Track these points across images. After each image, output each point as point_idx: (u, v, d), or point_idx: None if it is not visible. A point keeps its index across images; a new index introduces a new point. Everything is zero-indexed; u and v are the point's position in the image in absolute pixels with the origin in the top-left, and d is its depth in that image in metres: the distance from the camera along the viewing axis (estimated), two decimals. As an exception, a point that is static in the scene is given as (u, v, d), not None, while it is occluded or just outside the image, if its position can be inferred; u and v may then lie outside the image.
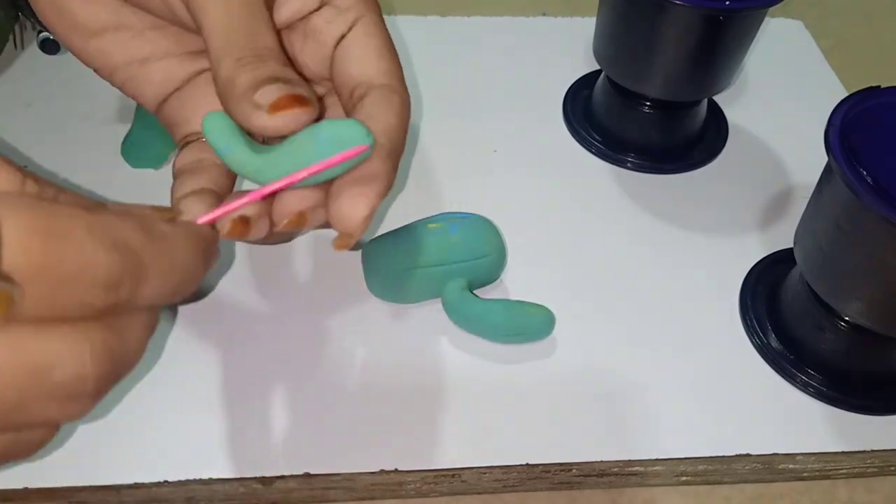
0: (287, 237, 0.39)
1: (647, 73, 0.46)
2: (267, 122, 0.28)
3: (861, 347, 0.38)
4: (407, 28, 0.56)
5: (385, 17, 0.35)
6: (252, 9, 0.30)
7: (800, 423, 0.38)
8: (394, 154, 0.30)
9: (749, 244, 0.45)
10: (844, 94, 0.37)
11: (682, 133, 0.50)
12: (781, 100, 0.54)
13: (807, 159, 0.43)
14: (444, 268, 0.39)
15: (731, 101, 0.53)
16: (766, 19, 0.45)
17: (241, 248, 0.42)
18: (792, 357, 0.39)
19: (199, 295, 0.39)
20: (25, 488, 0.33)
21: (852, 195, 0.32)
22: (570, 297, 0.41)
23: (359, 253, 0.40)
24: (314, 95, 0.29)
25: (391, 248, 0.39)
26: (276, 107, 0.28)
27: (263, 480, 0.34)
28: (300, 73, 0.34)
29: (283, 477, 0.34)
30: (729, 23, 0.42)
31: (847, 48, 0.60)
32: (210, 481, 0.34)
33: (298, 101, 0.28)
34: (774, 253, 0.44)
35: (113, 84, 0.35)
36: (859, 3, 0.65)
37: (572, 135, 0.51)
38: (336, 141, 0.27)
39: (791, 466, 0.37)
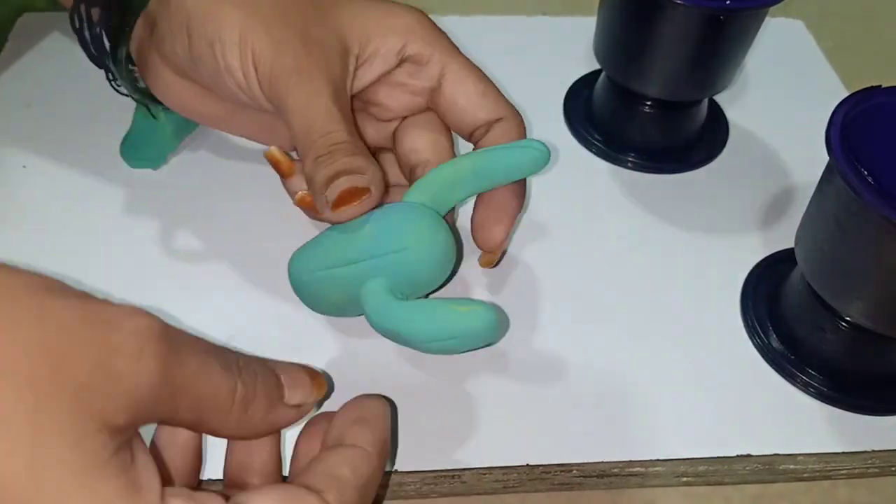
0: None
1: (647, 73, 0.46)
2: (331, 216, 0.33)
3: (862, 348, 0.38)
4: (407, 28, 0.56)
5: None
6: (326, 104, 0.34)
7: (801, 423, 0.37)
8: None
9: (749, 244, 0.45)
10: (845, 94, 0.37)
11: (682, 133, 0.50)
12: (782, 100, 0.54)
13: (807, 159, 0.43)
14: (352, 268, 0.34)
15: (732, 101, 0.53)
16: (767, 19, 0.45)
17: (241, 247, 0.42)
18: (793, 357, 0.39)
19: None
20: (24, 489, 0.33)
21: (853, 195, 0.32)
22: (569, 297, 0.41)
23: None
24: (376, 171, 0.33)
25: (301, 254, 0.36)
26: (336, 203, 0.32)
27: (263, 481, 0.34)
28: (387, 119, 0.39)
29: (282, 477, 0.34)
30: (729, 23, 0.42)
31: (848, 48, 0.59)
32: (209, 482, 0.34)
33: (357, 193, 0.32)
34: (775, 253, 0.44)
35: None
36: (860, 3, 0.65)
37: (572, 135, 0.51)
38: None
39: (792, 467, 0.36)
